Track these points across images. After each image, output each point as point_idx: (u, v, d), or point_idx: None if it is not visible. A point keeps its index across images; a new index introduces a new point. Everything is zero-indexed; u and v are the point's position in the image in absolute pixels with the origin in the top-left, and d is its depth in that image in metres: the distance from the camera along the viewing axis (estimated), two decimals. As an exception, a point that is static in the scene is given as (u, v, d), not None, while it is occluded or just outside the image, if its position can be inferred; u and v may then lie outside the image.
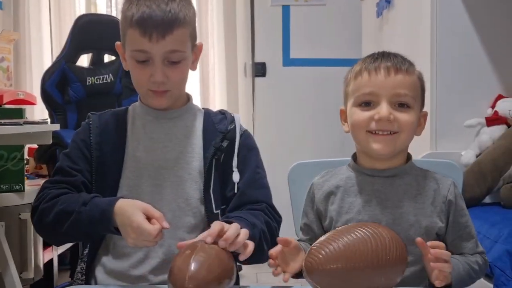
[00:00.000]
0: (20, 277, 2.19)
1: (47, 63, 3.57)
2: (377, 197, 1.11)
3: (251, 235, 1.06)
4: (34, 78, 3.58)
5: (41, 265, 2.49)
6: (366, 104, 1.10)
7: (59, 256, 2.84)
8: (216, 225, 1.00)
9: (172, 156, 1.24)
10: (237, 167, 1.25)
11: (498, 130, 2.25)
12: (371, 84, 1.09)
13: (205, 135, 1.26)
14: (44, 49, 3.68)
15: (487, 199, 2.19)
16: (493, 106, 2.32)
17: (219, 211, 1.23)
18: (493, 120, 2.27)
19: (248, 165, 1.26)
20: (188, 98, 1.31)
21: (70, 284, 1.31)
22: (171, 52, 1.17)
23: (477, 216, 1.95)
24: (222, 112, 1.32)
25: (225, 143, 1.25)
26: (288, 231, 1.22)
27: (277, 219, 1.25)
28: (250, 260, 1.07)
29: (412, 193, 1.11)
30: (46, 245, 2.59)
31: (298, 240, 1.19)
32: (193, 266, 0.90)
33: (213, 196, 1.22)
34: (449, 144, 2.33)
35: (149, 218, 1.03)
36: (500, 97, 2.32)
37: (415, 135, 1.14)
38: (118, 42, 1.26)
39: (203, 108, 1.34)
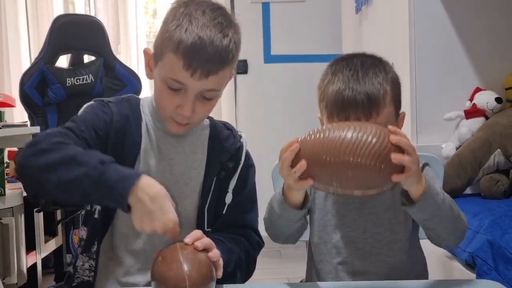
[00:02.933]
0: (3, 283, 2.17)
1: (26, 64, 3.53)
2: None
3: (225, 261, 1.05)
4: (13, 80, 3.54)
5: (25, 270, 2.47)
6: None
7: (43, 259, 2.82)
8: (197, 232, 1.00)
9: (178, 170, 1.19)
10: (234, 188, 1.21)
11: (476, 122, 2.28)
12: None
13: (211, 151, 1.21)
14: (22, 50, 3.64)
15: (468, 191, 2.22)
16: (471, 99, 2.35)
17: (210, 229, 1.20)
18: (472, 112, 2.30)
19: (244, 188, 1.23)
20: None
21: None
22: (208, 90, 1.10)
23: (459, 207, 1.98)
24: (228, 128, 1.26)
25: (231, 164, 1.20)
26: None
27: (260, 245, 1.24)
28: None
29: None
30: (29, 249, 2.57)
31: None
32: (187, 266, 0.91)
33: (207, 214, 1.19)
34: (430, 137, 2.35)
35: None
36: (478, 90, 2.35)
37: None
38: (148, 49, 1.16)
39: (207, 118, 1.25)
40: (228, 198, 1.21)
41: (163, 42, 1.09)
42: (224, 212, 1.21)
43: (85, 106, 1.19)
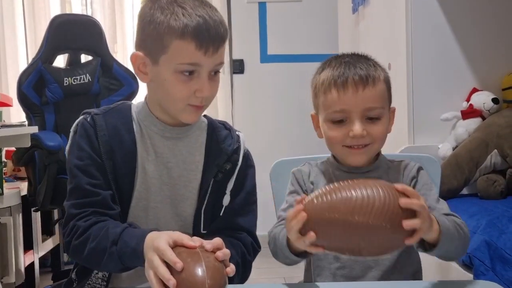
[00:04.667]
0: (1, 282, 2.17)
1: (23, 64, 3.53)
2: None
3: None
4: (10, 79, 3.53)
5: (22, 269, 2.47)
6: (339, 120, 1.14)
7: (40, 259, 2.82)
8: (218, 240, 0.98)
9: (176, 173, 1.19)
10: (231, 190, 1.21)
11: (473, 123, 2.29)
12: (341, 102, 1.12)
13: (208, 153, 1.21)
14: (19, 50, 3.64)
15: (465, 191, 2.22)
16: (468, 100, 2.35)
17: (206, 232, 1.19)
18: (468, 113, 2.31)
19: (242, 190, 1.22)
20: None
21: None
22: (218, 64, 1.13)
23: (455, 207, 1.99)
24: (227, 127, 1.26)
25: (228, 166, 1.20)
26: (270, 227, 1.22)
27: (256, 249, 1.23)
28: None
29: None
30: (26, 249, 2.57)
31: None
32: (207, 274, 0.90)
33: (204, 216, 1.19)
34: (427, 137, 2.36)
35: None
36: (474, 90, 2.36)
37: (387, 130, 1.17)
38: (136, 53, 1.15)
39: (204, 116, 1.26)
40: (226, 200, 1.20)
41: (162, 35, 1.08)
42: (221, 214, 1.20)
43: (71, 135, 1.20)
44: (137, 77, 1.19)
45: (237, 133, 1.25)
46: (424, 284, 1.09)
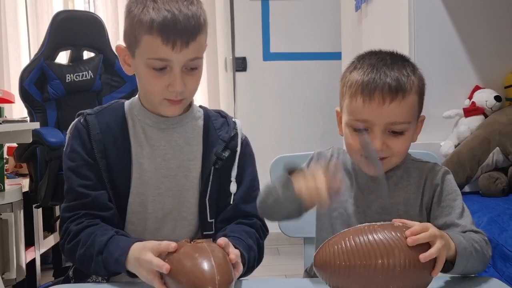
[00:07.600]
0: (2, 278, 2.18)
1: (25, 60, 3.53)
2: (370, 186, 1.13)
3: (247, 258, 1.08)
4: (12, 76, 3.53)
5: (24, 265, 2.48)
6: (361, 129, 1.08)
7: (42, 255, 2.82)
8: (223, 240, 0.99)
9: (174, 164, 1.19)
10: (235, 178, 1.22)
11: (475, 120, 2.28)
12: (365, 112, 1.06)
13: (206, 142, 1.22)
14: (21, 46, 3.64)
15: (466, 188, 2.22)
16: (470, 97, 2.35)
17: (213, 220, 1.21)
18: (471, 111, 2.30)
19: (245, 176, 1.23)
20: (190, 103, 1.24)
21: (54, 284, 1.28)
22: (192, 59, 1.12)
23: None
24: (222, 115, 1.27)
25: (227, 153, 1.21)
26: (270, 224, 1.23)
27: (265, 233, 1.25)
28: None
29: (403, 183, 1.13)
30: (28, 245, 2.58)
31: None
32: (216, 269, 0.89)
33: (209, 204, 1.20)
34: (429, 135, 2.35)
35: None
36: (477, 88, 2.36)
37: (411, 142, 1.13)
38: (120, 45, 1.17)
39: (200, 106, 1.27)
40: (233, 188, 1.21)
41: (134, 29, 1.10)
42: (231, 202, 1.21)
43: (67, 137, 1.21)
44: (123, 69, 1.20)
45: (233, 119, 1.26)
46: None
